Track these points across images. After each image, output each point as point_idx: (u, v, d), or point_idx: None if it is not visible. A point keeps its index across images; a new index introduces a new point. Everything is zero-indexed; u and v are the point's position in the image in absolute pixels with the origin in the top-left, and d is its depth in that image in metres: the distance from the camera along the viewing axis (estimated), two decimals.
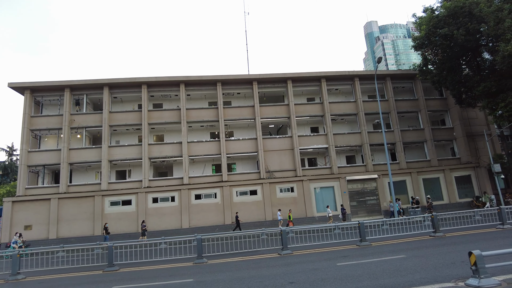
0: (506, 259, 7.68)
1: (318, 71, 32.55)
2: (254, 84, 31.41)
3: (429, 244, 11.57)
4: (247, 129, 32.67)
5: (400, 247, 11.55)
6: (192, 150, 29.68)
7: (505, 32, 21.84)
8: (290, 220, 25.74)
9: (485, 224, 14.89)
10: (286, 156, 30.57)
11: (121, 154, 29.33)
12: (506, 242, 10.59)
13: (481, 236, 12.18)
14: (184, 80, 30.47)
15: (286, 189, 29.27)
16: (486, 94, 24.94)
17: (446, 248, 10.43)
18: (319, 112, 32.10)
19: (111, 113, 29.99)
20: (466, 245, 10.67)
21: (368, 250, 11.52)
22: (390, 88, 32.99)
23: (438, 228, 13.19)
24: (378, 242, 13.17)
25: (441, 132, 33.50)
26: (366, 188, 30.12)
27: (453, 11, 24.70)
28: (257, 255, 12.42)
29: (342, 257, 10.51)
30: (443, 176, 31.23)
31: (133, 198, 27.65)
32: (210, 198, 28.20)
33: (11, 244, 21.47)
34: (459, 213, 17.33)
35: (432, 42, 25.89)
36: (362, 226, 12.81)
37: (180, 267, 11.34)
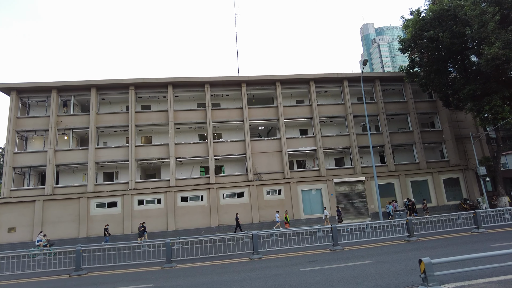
0: (468, 264, 7.62)
1: (307, 73, 32.51)
2: (242, 86, 31.34)
3: (400, 249, 11.49)
4: (235, 131, 32.57)
5: (371, 252, 11.46)
6: (179, 152, 29.56)
7: (489, 35, 21.87)
8: (286, 222, 25.59)
9: (461, 228, 14.82)
10: (275, 158, 30.48)
11: (108, 156, 29.18)
12: (475, 247, 10.52)
13: (454, 241, 12.10)
14: (172, 81, 30.36)
15: (273, 191, 29.17)
16: (471, 97, 24.94)
17: (414, 253, 10.35)
18: (308, 114, 32.04)
19: (99, 114, 29.85)
20: (435, 250, 10.59)
21: (339, 255, 11.43)
22: (379, 90, 32.96)
23: (412, 233, 13.10)
24: (353, 246, 13.07)
25: (430, 134, 33.49)
26: (353, 190, 30.05)
27: (439, 14, 24.70)
28: (229, 259, 12.31)
29: (310, 262, 10.42)
30: (431, 179, 31.20)
31: (119, 200, 27.50)
32: (196, 201, 28.07)
33: (36, 243, 21.86)
34: (442, 216, 17.35)
35: (418, 44, 25.89)
36: (335, 230, 12.72)
37: (148, 271, 11.23)
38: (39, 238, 22.01)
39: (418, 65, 27.96)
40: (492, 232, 13.61)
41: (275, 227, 25.94)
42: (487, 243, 10.86)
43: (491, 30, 21.68)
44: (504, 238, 11.64)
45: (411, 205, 27.00)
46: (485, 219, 16.65)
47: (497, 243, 10.87)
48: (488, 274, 7.16)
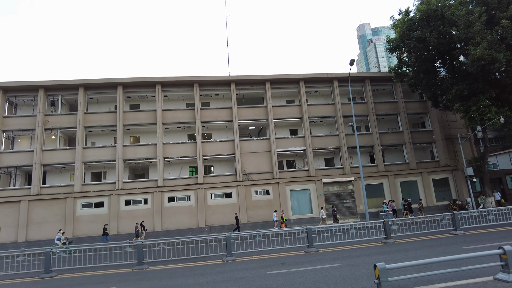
0: (433, 268, 7.51)
1: (296, 73, 32.38)
2: (232, 85, 31.19)
3: (374, 251, 11.37)
4: (225, 131, 32.43)
5: (344, 254, 11.34)
6: (168, 152, 29.39)
7: (475, 36, 21.79)
8: (283, 221, 25.43)
9: (441, 229, 14.72)
10: (264, 158, 30.34)
11: (95, 156, 28.98)
12: (447, 249, 10.40)
13: (430, 243, 11.99)
14: (161, 81, 30.18)
15: (261, 192, 29.04)
16: (459, 98, 24.87)
17: (385, 256, 10.22)
18: (298, 114, 31.90)
19: (86, 114, 29.64)
20: (407, 253, 10.47)
21: (312, 257, 11.30)
22: (369, 91, 32.85)
23: (389, 234, 12.98)
24: (329, 248, 12.95)
25: (421, 134, 33.41)
26: (342, 190, 29.96)
27: (427, 14, 24.61)
28: (203, 261, 12.17)
29: (280, 264, 10.29)
30: (420, 179, 31.13)
31: (106, 200, 27.33)
32: (183, 201, 27.91)
33: (55, 241, 21.97)
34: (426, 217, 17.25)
35: (406, 44, 25.80)
36: (310, 232, 12.59)
37: (118, 273, 11.10)
38: (58, 236, 22.15)
39: (407, 65, 27.89)
40: (470, 234, 13.50)
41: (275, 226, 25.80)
42: (460, 246, 10.74)
43: (477, 30, 21.60)
44: (478, 240, 11.54)
45: (408, 205, 26.96)
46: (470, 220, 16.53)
47: (470, 245, 10.77)
48: (448, 278, 7.05)
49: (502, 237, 11.92)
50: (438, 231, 14.51)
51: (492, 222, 15.66)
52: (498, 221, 15.54)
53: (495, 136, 52.78)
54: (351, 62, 24.21)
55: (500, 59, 20.91)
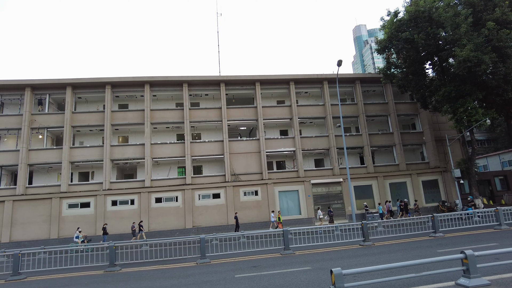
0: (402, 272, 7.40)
1: (286, 74, 32.28)
2: (221, 85, 31.02)
3: (350, 254, 11.24)
4: (215, 131, 32.26)
5: (319, 257, 11.20)
6: (156, 152, 29.19)
7: (461, 38, 21.75)
8: (279, 222, 25.26)
9: (421, 232, 14.62)
10: (253, 159, 30.20)
11: (83, 156, 28.73)
12: (421, 252, 10.28)
13: (406, 246, 11.87)
14: (149, 80, 29.98)
15: (250, 193, 28.90)
16: (446, 99, 24.82)
17: (358, 259, 10.08)
18: (288, 115, 31.80)
19: (74, 113, 29.40)
20: (381, 256, 10.35)
21: (285, 260, 11.15)
22: (359, 92, 32.79)
23: (367, 237, 12.85)
24: (306, 250, 12.79)
25: (411, 136, 33.38)
26: (331, 191, 29.86)
27: (415, 15, 24.56)
28: (178, 263, 12.00)
29: (251, 267, 10.14)
30: (410, 181, 31.09)
31: (92, 200, 27.10)
32: (171, 202, 27.72)
33: (74, 239, 22.10)
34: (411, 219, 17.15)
35: (394, 45, 25.74)
36: (286, 234, 12.44)
37: (88, 275, 10.91)
38: (77, 234, 22.25)
39: (395, 66, 27.82)
40: (449, 236, 13.39)
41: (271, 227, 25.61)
42: (435, 249, 10.62)
43: (463, 32, 21.56)
44: (454, 243, 11.43)
45: (404, 206, 26.92)
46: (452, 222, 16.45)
47: (445, 248, 10.65)
48: (410, 283, 6.92)
49: (479, 240, 11.83)
50: (418, 233, 14.39)
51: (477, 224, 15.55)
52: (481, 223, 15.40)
53: (487, 138, 52.97)
54: (338, 63, 24.10)
55: (486, 61, 20.88)
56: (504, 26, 21.80)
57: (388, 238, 14.12)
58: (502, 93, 23.00)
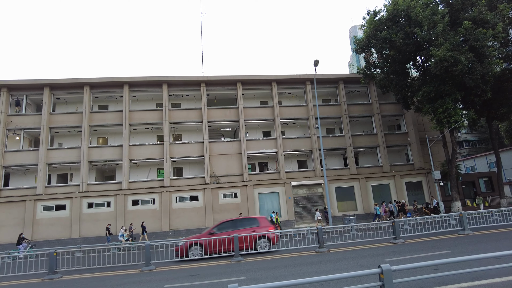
0: None
1: (268, 74, 31.89)
2: (202, 86, 30.61)
3: (298, 262, 10.73)
4: (196, 132, 31.82)
5: (265, 265, 10.68)
6: (134, 153, 28.78)
7: (438, 37, 21.31)
8: (277, 223, 24.85)
9: (382, 238, 14.14)
10: (234, 160, 29.77)
11: (60, 157, 28.32)
12: (370, 261, 9.78)
13: (360, 253, 11.34)
14: (128, 81, 29.58)
15: (229, 195, 28.46)
16: (426, 99, 24.38)
17: (298, 268, 9.55)
18: (270, 116, 31.37)
19: (52, 114, 29.01)
20: (328, 265, 9.85)
21: (229, 268, 10.57)
22: (343, 92, 32.35)
23: (322, 243, 12.39)
24: (261, 257, 12.31)
25: (396, 137, 32.94)
26: (312, 193, 29.41)
27: (393, 14, 24.16)
28: (124, 270, 11.55)
29: (189, 276, 9.68)
30: (393, 182, 30.63)
31: (68, 203, 26.68)
32: (147, 204, 27.30)
33: (118, 237, 22.40)
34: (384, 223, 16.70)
35: (373, 45, 25.30)
36: (236, 239, 11.97)
37: (26, 284, 10.48)
38: (121, 233, 22.44)
39: (375, 66, 27.36)
40: (410, 242, 12.88)
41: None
42: (385, 257, 10.15)
43: (440, 31, 21.13)
44: (410, 250, 10.92)
45: (401, 207, 26.48)
46: (417, 227, 15.73)
47: (397, 256, 10.16)
48: None
49: (436, 246, 11.36)
50: (380, 239, 13.91)
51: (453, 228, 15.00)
52: (448, 227, 14.69)
53: (478, 139, 52.49)
54: (315, 63, 23.71)
55: (462, 61, 20.44)
56: (481, 26, 21.35)
57: (344, 244, 13.55)
58: (481, 93, 22.55)
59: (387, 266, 5.78)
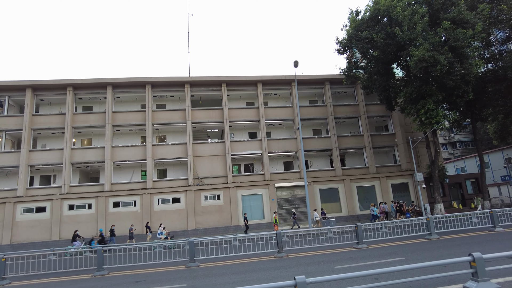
0: None
1: (253, 75, 31.65)
2: (186, 86, 30.40)
3: (250, 268, 10.46)
4: (180, 134, 31.53)
5: (217, 271, 10.43)
6: (117, 155, 28.58)
7: (418, 37, 21.02)
8: (275, 224, 24.57)
9: (346, 242, 13.83)
10: (219, 162, 29.53)
11: (43, 159, 28.15)
12: (322, 268, 9.52)
13: (318, 259, 11.02)
14: (111, 82, 29.39)
15: (212, 197, 28.21)
16: (409, 100, 24.09)
17: (241, 276, 9.30)
18: (255, 117, 31.12)
19: (35, 116, 28.86)
20: (277, 272, 9.60)
21: (183, 273, 10.34)
22: (329, 93, 32.07)
23: (281, 248, 12.11)
24: (215, 262, 12.00)
25: (383, 138, 32.63)
26: (296, 195, 29.15)
27: (374, 14, 23.92)
28: (76, 275, 11.30)
29: (134, 282, 9.46)
30: (378, 184, 30.30)
31: (48, 204, 26.49)
32: (129, 206, 27.09)
33: (157, 235, 22.44)
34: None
35: (355, 45, 25.02)
36: (191, 244, 11.72)
37: None
38: (160, 231, 22.46)
39: (358, 67, 27.07)
40: (373, 247, 12.57)
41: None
42: (335, 264, 9.84)
43: (419, 31, 20.84)
44: (368, 257, 10.56)
45: (399, 207, 26.17)
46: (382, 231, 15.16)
47: (352, 263, 9.85)
48: None
49: (394, 252, 11.02)
50: (345, 244, 13.61)
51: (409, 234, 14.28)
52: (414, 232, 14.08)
53: (471, 140, 52.02)
54: (294, 64, 23.47)
55: (441, 61, 20.13)
56: (461, 26, 21.04)
57: (306, 249, 13.21)
58: (462, 94, 22.23)
59: (302, 278, 5.54)
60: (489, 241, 11.71)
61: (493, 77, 23.82)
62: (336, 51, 25.91)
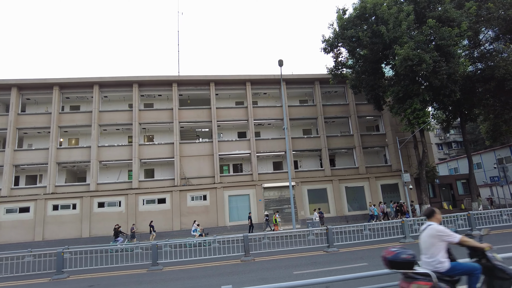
0: None
1: (242, 74, 31.32)
2: (173, 86, 30.10)
3: (215, 272, 10.10)
4: (168, 133, 31.19)
5: (178, 275, 10.13)
6: (103, 155, 28.31)
7: (403, 35, 20.64)
8: (275, 224, 24.23)
9: (316, 246, 13.46)
10: (206, 162, 29.21)
11: (28, 159, 27.92)
12: (279, 273, 9.19)
13: (285, 263, 10.67)
14: (98, 81, 29.13)
15: (198, 197, 27.90)
16: (395, 100, 23.71)
17: (191, 282, 8.93)
18: (244, 117, 30.79)
19: (20, 115, 28.63)
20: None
21: (143, 277, 10.02)
22: (319, 93, 31.71)
23: (248, 251, 11.71)
24: (181, 266, 11.65)
25: (373, 138, 32.25)
26: (283, 195, 28.80)
27: (361, 12, 23.52)
28: (32, 279, 10.97)
29: (89, 286, 9.17)
30: (368, 184, 29.91)
31: (32, 205, 26.23)
32: (114, 207, 26.81)
33: (192, 232, 22.16)
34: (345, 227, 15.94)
35: (341, 44, 24.66)
36: (154, 248, 11.42)
37: None
38: (194, 228, 22.26)
39: (344, 65, 26.68)
40: (344, 251, 12.18)
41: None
42: (302, 269, 9.46)
43: (404, 29, 20.45)
44: (333, 262, 10.20)
45: (398, 207, 25.81)
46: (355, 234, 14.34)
47: (314, 268, 9.49)
48: None
49: (361, 257, 10.61)
50: (316, 247, 13.26)
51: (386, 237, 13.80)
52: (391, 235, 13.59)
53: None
54: (279, 62, 23.14)
55: (426, 60, 19.74)
56: (447, 24, 20.62)
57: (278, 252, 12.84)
58: (449, 93, 21.81)
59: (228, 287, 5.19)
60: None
61: (481, 76, 23.40)
62: (323, 50, 25.51)
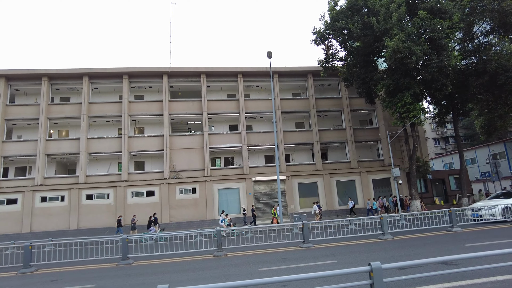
0: None
1: (234, 66, 30.88)
2: (164, 77, 29.74)
3: (176, 268, 9.96)
4: (159, 125, 30.91)
5: (147, 270, 9.95)
6: (93, 147, 28.11)
7: (393, 27, 20.16)
8: (274, 217, 24.07)
9: (293, 241, 13.24)
10: (197, 154, 28.98)
11: (17, 150, 27.75)
12: (247, 270, 8.98)
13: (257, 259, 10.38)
14: (88, 72, 28.78)
15: (187, 190, 27.73)
16: (386, 93, 23.31)
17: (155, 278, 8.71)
18: (236, 110, 30.46)
19: (9, 106, 28.38)
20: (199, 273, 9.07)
21: (108, 272, 9.92)
22: (311, 86, 31.29)
23: (220, 247, 11.50)
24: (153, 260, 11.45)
25: (366, 132, 31.91)
26: (273, 189, 28.57)
27: (352, 3, 22.98)
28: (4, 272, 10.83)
29: (50, 281, 9.00)
30: (359, 179, 29.65)
31: (20, 196, 26.12)
32: (102, 199, 26.67)
33: (220, 223, 22.18)
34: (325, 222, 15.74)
35: (332, 35, 24.18)
36: (124, 242, 11.21)
37: None
38: (222, 218, 22.30)
39: (334, 58, 26.21)
40: (318, 247, 11.89)
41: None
42: (268, 265, 9.21)
43: (395, 21, 19.96)
44: (303, 258, 9.94)
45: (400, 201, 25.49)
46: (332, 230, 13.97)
47: (282, 265, 9.22)
48: None
49: (333, 254, 10.37)
50: (292, 242, 13.02)
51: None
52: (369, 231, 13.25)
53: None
54: (268, 54, 22.70)
55: (417, 53, 19.30)
56: (439, 16, 20.12)
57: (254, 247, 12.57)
58: (441, 87, 21.38)
59: (164, 286, 4.92)
60: (434, 243, 11.03)
61: (474, 70, 22.92)
62: (313, 41, 25.00)
